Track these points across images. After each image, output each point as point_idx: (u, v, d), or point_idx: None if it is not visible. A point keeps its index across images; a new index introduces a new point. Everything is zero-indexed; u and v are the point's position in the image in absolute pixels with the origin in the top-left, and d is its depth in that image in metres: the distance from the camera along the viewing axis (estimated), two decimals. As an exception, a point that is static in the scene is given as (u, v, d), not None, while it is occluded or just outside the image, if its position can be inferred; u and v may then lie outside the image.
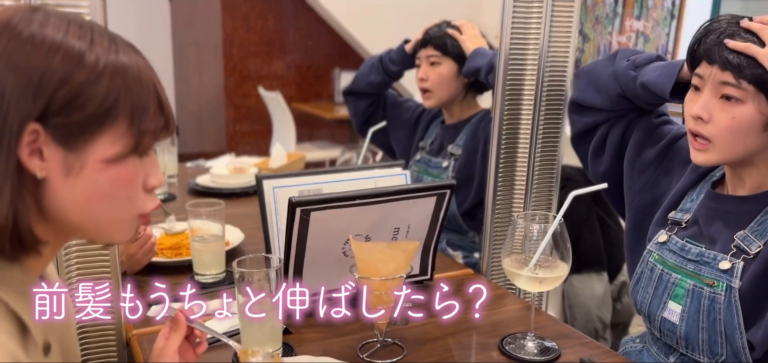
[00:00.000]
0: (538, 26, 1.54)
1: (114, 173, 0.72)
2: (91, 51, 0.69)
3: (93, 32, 0.71)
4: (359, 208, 1.26)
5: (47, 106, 0.67)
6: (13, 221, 0.68)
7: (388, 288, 1.13)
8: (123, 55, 0.72)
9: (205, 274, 1.47)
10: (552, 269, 1.14)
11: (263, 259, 1.14)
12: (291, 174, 1.41)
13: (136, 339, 1.23)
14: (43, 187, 0.70)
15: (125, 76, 0.71)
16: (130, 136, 0.72)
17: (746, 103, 1.10)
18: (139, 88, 0.72)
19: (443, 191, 1.34)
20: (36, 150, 0.68)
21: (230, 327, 1.23)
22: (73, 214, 0.73)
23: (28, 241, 0.71)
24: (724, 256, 1.15)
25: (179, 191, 2.25)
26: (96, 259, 1.19)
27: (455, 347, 1.23)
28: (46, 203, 0.71)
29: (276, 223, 1.34)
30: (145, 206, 0.78)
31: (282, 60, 5.92)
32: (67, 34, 0.69)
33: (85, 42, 0.69)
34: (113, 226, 0.76)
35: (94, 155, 0.71)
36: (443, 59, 1.97)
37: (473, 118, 2.01)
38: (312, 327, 1.28)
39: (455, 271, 1.59)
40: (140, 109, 0.72)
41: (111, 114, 0.70)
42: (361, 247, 1.16)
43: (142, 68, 0.74)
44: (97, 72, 0.69)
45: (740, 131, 1.12)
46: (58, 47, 0.68)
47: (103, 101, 0.69)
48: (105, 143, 0.71)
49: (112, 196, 0.74)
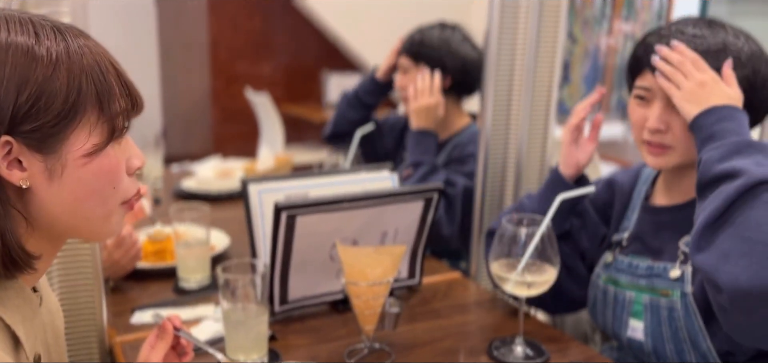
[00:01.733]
0: (525, 28, 1.54)
1: (97, 165, 0.70)
2: (40, 44, 0.65)
3: (34, 24, 0.67)
4: (346, 212, 1.25)
5: (13, 115, 0.64)
6: (3, 241, 0.66)
7: (375, 293, 1.12)
8: (72, 41, 0.68)
9: (189, 279, 1.44)
10: (540, 273, 1.13)
11: (249, 265, 1.12)
12: (277, 178, 1.39)
13: (119, 346, 1.21)
14: (28, 196, 0.68)
15: (81, 62, 0.67)
16: (104, 124, 0.70)
17: None
18: (99, 72, 0.69)
19: (431, 194, 1.33)
20: (13, 161, 0.66)
21: (215, 333, 1.21)
22: (63, 216, 0.71)
23: (20, 259, 0.69)
24: (673, 265, 1.15)
25: (164, 195, 2.22)
26: (78, 265, 1.17)
27: (443, 352, 1.21)
28: (34, 212, 0.69)
29: (262, 228, 1.32)
30: (129, 191, 0.75)
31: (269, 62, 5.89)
32: (9, 32, 0.65)
33: (30, 36, 0.65)
34: (104, 220, 0.74)
35: (73, 153, 0.68)
36: (415, 68, 1.90)
37: (455, 137, 1.93)
38: (298, 332, 1.26)
39: (443, 275, 1.58)
40: (106, 93, 0.69)
41: (78, 106, 0.67)
42: (347, 252, 1.14)
43: (96, 50, 0.70)
44: (52, 65, 0.65)
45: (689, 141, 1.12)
46: (5, 48, 0.64)
47: (67, 95, 0.66)
48: (80, 138, 0.68)
49: (100, 190, 0.71)
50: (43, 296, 0.81)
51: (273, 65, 5.93)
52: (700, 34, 1.12)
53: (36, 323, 0.76)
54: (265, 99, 4.83)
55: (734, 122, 1.04)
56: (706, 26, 1.13)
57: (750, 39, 1.13)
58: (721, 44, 1.10)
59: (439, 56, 1.88)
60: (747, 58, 1.10)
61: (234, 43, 5.78)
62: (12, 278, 0.71)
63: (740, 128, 1.04)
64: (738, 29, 1.14)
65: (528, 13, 1.53)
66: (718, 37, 1.11)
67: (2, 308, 0.69)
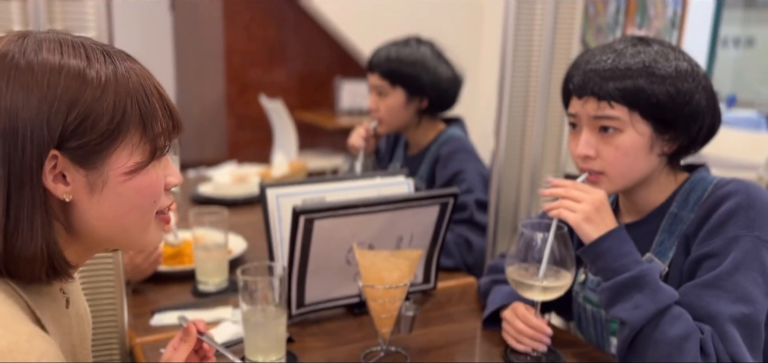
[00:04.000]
0: (540, 36, 1.55)
1: (137, 183, 0.73)
2: (90, 67, 0.69)
3: (86, 48, 0.71)
4: (363, 216, 1.27)
5: (62, 132, 0.67)
6: (47, 251, 0.70)
7: (391, 296, 1.13)
8: (120, 65, 0.72)
9: (208, 282, 1.47)
10: (557, 278, 1.14)
11: (267, 268, 1.14)
12: (294, 182, 1.41)
13: (139, 347, 1.23)
14: (70, 209, 0.72)
15: (128, 85, 0.71)
16: (146, 144, 0.73)
17: (624, 131, 1.11)
18: (143, 94, 0.73)
19: (446, 199, 1.35)
20: (59, 175, 0.69)
21: (233, 335, 1.23)
22: (102, 229, 0.74)
23: (60, 268, 0.72)
24: None
25: (181, 200, 2.25)
26: (100, 269, 1.19)
27: (459, 356, 1.22)
28: (75, 224, 0.73)
29: (279, 232, 1.34)
30: (163, 205, 0.79)
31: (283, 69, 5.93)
32: (62, 55, 0.69)
33: (82, 59, 0.69)
34: (143, 233, 0.78)
35: (115, 169, 0.72)
36: (391, 90, 1.85)
37: (432, 146, 1.90)
38: (315, 335, 1.27)
39: (458, 280, 1.59)
40: (149, 115, 0.73)
41: (122, 126, 0.71)
42: (365, 255, 1.16)
43: (141, 74, 0.74)
44: (101, 87, 0.69)
45: (627, 158, 1.12)
46: (59, 70, 0.67)
47: (113, 115, 0.70)
48: (123, 156, 0.72)
49: (140, 205, 0.75)
50: (72, 299, 0.84)
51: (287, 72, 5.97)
52: (621, 53, 1.11)
53: (63, 324, 0.79)
54: (279, 105, 4.87)
55: (609, 255, 1.08)
56: (632, 45, 1.12)
57: (682, 58, 1.11)
58: (640, 63, 1.09)
59: (416, 76, 1.82)
60: (668, 74, 1.08)
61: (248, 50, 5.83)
62: (49, 285, 0.75)
63: (615, 260, 1.07)
64: (671, 48, 1.12)
65: (542, 21, 1.54)
66: (638, 57, 1.10)
67: (34, 304, 0.72)
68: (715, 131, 1.16)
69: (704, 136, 1.15)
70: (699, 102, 1.10)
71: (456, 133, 1.91)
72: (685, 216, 1.14)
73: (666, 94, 1.08)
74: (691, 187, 1.16)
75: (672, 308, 1.03)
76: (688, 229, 1.12)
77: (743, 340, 1.01)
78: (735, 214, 1.06)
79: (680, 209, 1.15)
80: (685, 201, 1.15)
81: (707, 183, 1.15)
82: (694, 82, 1.10)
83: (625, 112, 1.10)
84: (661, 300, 1.03)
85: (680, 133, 1.12)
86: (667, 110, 1.09)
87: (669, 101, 1.08)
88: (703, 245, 1.08)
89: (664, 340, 1.01)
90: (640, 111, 1.09)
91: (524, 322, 1.19)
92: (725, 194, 1.09)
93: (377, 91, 1.88)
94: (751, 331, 1.02)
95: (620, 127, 1.11)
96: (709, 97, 1.12)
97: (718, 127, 1.16)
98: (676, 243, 1.13)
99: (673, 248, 1.14)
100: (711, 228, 1.08)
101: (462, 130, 1.94)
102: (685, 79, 1.09)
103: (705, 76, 1.13)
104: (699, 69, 1.13)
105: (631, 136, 1.11)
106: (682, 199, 1.15)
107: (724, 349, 1.00)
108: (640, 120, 1.10)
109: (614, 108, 1.10)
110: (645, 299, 1.04)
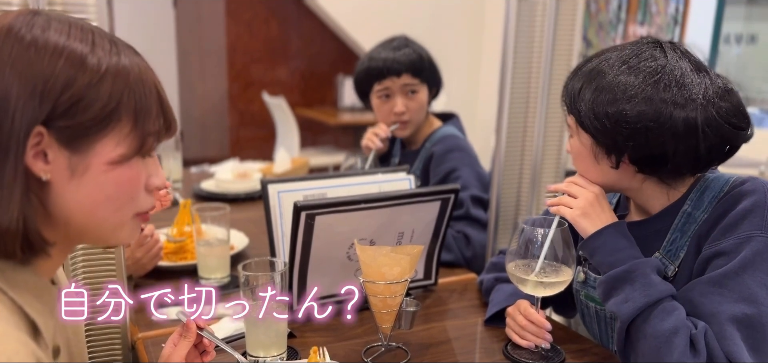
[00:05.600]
0: (541, 33, 1.55)
1: (118, 175, 0.73)
2: (93, 54, 0.70)
3: (94, 35, 0.71)
4: (364, 212, 1.27)
5: (52, 109, 0.67)
6: (23, 224, 0.69)
7: (392, 292, 1.14)
8: (124, 58, 0.72)
9: (210, 278, 1.47)
10: (557, 274, 1.14)
11: (268, 263, 1.15)
12: (296, 178, 1.41)
13: (141, 342, 1.23)
14: (48, 189, 0.71)
15: (127, 78, 0.71)
16: (134, 138, 0.73)
17: (573, 136, 1.15)
18: (142, 90, 0.73)
19: (448, 195, 1.35)
20: (40, 153, 0.69)
21: (235, 330, 1.23)
22: (77, 216, 0.73)
23: (36, 243, 0.71)
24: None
25: (184, 196, 2.26)
26: (102, 263, 1.20)
27: (460, 352, 1.23)
28: (51, 206, 0.72)
29: (281, 227, 1.34)
30: (143, 206, 0.78)
31: (285, 66, 5.94)
32: (69, 37, 0.69)
33: (87, 45, 0.70)
34: (117, 228, 0.77)
35: (98, 157, 0.71)
36: (421, 86, 1.85)
37: (426, 143, 1.90)
38: (316, 331, 1.28)
39: (459, 276, 1.59)
40: (143, 111, 0.73)
41: (114, 116, 0.71)
42: (366, 251, 1.16)
43: (144, 70, 0.74)
44: (99, 74, 0.69)
45: (579, 161, 1.16)
46: (61, 51, 0.68)
47: (107, 103, 0.70)
48: (109, 145, 0.71)
49: (116, 198, 0.74)
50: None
51: (289, 69, 5.98)
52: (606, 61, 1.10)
53: (55, 315, 0.78)
54: (281, 102, 4.87)
55: (604, 249, 1.10)
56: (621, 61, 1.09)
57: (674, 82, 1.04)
58: (595, 72, 1.09)
59: (435, 68, 1.88)
60: (621, 94, 1.05)
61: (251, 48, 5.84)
62: (28, 264, 0.73)
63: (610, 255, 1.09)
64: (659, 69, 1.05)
65: (543, 18, 1.54)
66: (592, 64, 1.12)
67: (20, 296, 0.71)
68: (715, 155, 1.07)
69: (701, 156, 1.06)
70: (653, 127, 1.03)
71: (450, 130, 1.90)
72: (699, 216, 1.11)
73: (599, 115, 1.06)
74: (705, 186, 1.13)
75: (663, 302, 1.03)
76: (701, 229, 1.10)
77: (744, 340, 0.99)
78: (751, 213, 1.04)
79: (694, 209, 1.12)
80: (699, 200, 1.12)
81: (723, 182, 1.12)
82: (653, 107, 1.02)
83: (572, 121, 1.13)
84: (651, 294, 1.03)
85: (621, 151, 1.08)
86: (598, 131, 1.08)
87: (595, 122, 1.07)
88: (715, 243, 1.06)
89: (653, 334, 1.02)
90: (580, 123, 1.11)
91: (526, 316, 1.19)
92: (743, 192, 1.07)
93: (408, 90, 1.85)
94: (754, 332, 1.00)
95: (572, 133, 1.15)
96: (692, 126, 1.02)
97: (723, 150, 1.08)
98: (688, 243, 1.11)
99: (684, 248, 1.11)
100: (725, 226, 1.06)
101: (457, 127, 1.94)
102: (631, 100, 1.03)
103: (703, 105, 1.03)
104: (695, 92, 1.03)
105: (575, 142, 1.15)
106: (696, 197, 1.13)
107: (720, 347, 0.99)
108: (581, 131, 1.12)
109: (570, 115, 1.13)
110: (635, 293, 1.04)
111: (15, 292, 0.70)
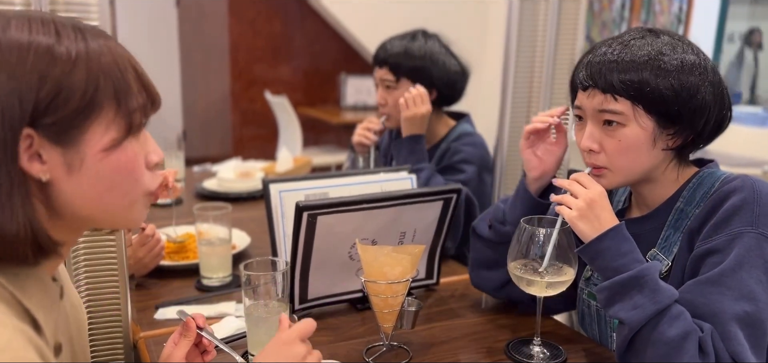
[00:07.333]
0: (544, 31, 1.55)
1: (115, 160, 0.73)
2: (60, 43, 0.69)
3: (56, 25, 0.70)
4: (366, 212, 1.27)
5: (34, 108, 0.67)
6: (31, 230, 0.69)
7: (394, 291, 1.13)
8: (92, 41, 0.71)
9: (211, 277, 1.47)
10: (559, 274, 1.13)
11: (270, 263, 1.15)
12: (298, 178, 1.41)
13: (143, 341, 1.23)
14: (50, 189, 0.71)
15: (100, 60, 0.71)
16: (121, 119, 0.72)
17: (627, 125, 1.09)
18: (117, 70, 0.72)
19: (450, 195, 1.35)
20: (34, 154, 0.69)
21: (236, 330, 1.23)
22: (84, 208, 0.73)
23: (47, 246, 0.71)
24: None
25: (186, 195, 2.26)
26: (103, 262, 1.20)
27: (461, 351, 1.23)
28: (55, 204, 0.72)
29: (282, 227, 1.34)
30: (151, 184, 0.78)
31: (288, 65, 5.94)
32: (31, 32, 0.68)
33: (51, 36, 0.69)
34: (126, 210, 0.77)
35: (91, 147, 0.71)
36: (399, 84, 1.84)
37: (442, 143, 1.90)
38: (318, 330, 1.26)
39: (460, 276, 1.59)
40: (123, 90, 0.72)
41: (96, 101, 0.70)
42: (367, 251, 1.16)
43: (114, 49, 0.73)
44: (71, 62, 0.68)
45: (630, 153, 1.11)
46: (27, 47, 0.67)
47: (85, 90, 0.69)
48: (98, 132, 0.71)
49: (119, 183, 0.74)
50: (65, 289, 0.83)
51: (291, 68, 5.98)
52: (627, 45, 1.10)
53: (58, 315, 0.78)
54: (284, 101, 4.87)
55: (608, 254, 1.07)
56: (639, 37, 1.11)
57: (690, 50, 1.10)
58: (645, 56, 1.08)
59: (425, 69, 1.83)
60: (674, 67, 1.07)
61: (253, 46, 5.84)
62: (36, 265, 0.73)
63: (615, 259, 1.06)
64: (680, 40, 1.11)
65: (546, 17, 1.54)
66: (644, 49, 1.09)
67: (21, 293, 0.71)
68: (724, 125, 1.14)
69: (712, 130, 1.13)
70: (705, 96, 1.08)
71: (467, 128, 1.91)
72: (691, 211, 1.13)
73: (670, 88, 1.06)
74: (698, 182, 1.15)
75: (671, 308, 1.02)
76: (692, 224, 1.11)
77: (746, 339, 1.00)
78: (740, 210, 1.05)
79: (687, 204, 1.14)
80: (691, 196, 1.14)
81: (715, 178, 1.13)
82: (700, 76, 1.08)
83: (628, 106, 1.08)
84: (660, 300, 1.02)
85: (685, 128, 1.10)
86: (671, 104, 1.07)
87: (673, 95, 1.07)
88: (707, 240, 1.07)
89: (663, 340, 1.01)
90: (643, 105, 1.08)
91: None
92: (731, 190, 1.08)
93: (385, 86, 1.87)
94: (754, 330, 1.01)
95: (623, 121, 1.09)
96: (717, 91, 1.10)
97: (727, 121, 1.14)
98: (681, 238, 1.13)
99: (677, 243, 1.13)
100: (715, 223, 1.07)
101: (471, 125, 1.94)
102: (691, 72, 1.07)
103: (713, 70, 1.11)
104: (708, 62, 1.11)
105: (634, 130, 1.09)
106: (689, 194, 1.14)
107: (725, 348, 0.99)
108: (643, 114, 1.08)
109: (618, 101, 1.09)
110: (644, 299, 1.03)
111: (15, 287, 0.70)
